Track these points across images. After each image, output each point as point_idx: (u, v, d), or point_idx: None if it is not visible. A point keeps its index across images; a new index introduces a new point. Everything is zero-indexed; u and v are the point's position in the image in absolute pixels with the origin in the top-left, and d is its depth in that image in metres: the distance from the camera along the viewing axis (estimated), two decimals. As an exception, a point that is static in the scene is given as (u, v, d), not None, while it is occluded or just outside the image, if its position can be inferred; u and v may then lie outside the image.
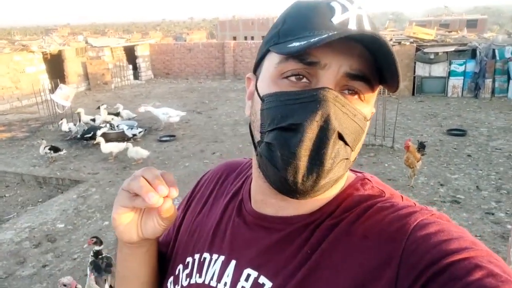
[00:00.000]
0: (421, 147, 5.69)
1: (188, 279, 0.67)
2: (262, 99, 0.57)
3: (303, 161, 0.51)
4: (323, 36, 0.50)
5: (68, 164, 7.03)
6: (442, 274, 0.46)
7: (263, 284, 0.58)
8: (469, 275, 0.44)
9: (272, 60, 0.57)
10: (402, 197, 0.61)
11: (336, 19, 0.53)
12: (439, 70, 11.41)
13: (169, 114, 8.87)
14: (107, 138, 7.41)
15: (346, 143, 0.53)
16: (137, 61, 17.12)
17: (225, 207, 0.72)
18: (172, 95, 13.43)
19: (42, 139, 7.61)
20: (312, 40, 0.50)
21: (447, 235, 0.50)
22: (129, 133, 7.70)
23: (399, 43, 11.67)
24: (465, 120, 8.87)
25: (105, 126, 8.09)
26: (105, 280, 3.08)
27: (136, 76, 17.06)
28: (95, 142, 7.23)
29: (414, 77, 11.65)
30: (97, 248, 3.36)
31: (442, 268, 0.46)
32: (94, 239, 3.40)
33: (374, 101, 0.61)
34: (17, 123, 10.08)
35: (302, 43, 0.51)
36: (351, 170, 0.67)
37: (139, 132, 8.14)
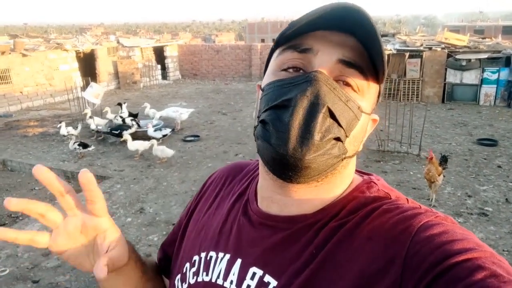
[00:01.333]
0: (443, 160, 5.30)
1: (195, 277, 0.69)
2: (262, 89, 0.61)
3: (293, 134, 0.53)
4: (312, 18, 0.55)
5: (96, 160, 7.23)
6: (445, 274, 0.46)
7: (268, 283, 0.59)
8: (472, 275, 0.44)
9: (273, 58, 0.63)
10: (407, 200, 0.61)
11: (322, 11, 0.55)
12: (471, 77, 11.06)
13: (180, 111, 8.99)
14: (134, 136, 7.58)
15: (339, 124, 0.55)
16: (165, 61, 17.45)
17: (231, 207, 0.73)
18: (198, 96, 13.60)
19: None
20: (300, 25, 0.56)
21: (451, 236, 0.50)
22: (158, 134, 7.78)
23: (430, 48, 11.41)
24: (496, 130, 8.57)
25: (133, 125, 8.25)
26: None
27: (164, 76, 17.38)
28: (122, 139, 7.41)
29: (445, 84, 11.35)
30: None
31: (445, 269, 0.46)
32: None
33: (374, 104, 0.62)
34: (49, 119, 10.45)
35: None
36: (359, 172, 0.68)
37: (169, 132, 8.25)
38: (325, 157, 0.55)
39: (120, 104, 9.38)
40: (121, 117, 8.88)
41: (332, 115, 0.54)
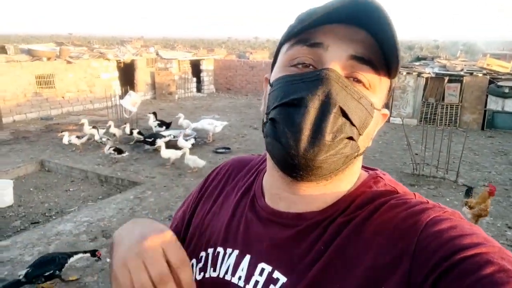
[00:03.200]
0: (468, 192, 4.91)
1: (202, 273, 0.68)
2: (271, 84, 0.60)
3: (304, 134, 0.52)
4: (322, 13, 0.53)
5: (129, 166, 7.38)
6: (453, 269, 0.46)
7: (277, 279, 0.59)
8: (480, 270, 0.44)
9: (282, 51, 0.62)
10: (415, 195, 0.60)
11: (337, 4, 0.54)
12: (513, 105, 10.65)
13: (214, 124, 9.08)
14: (167, 144, 7.70)
15: (352, 123, 0.54)
16: (201, 74, 17.79)
17: (237, 203, 0.72)
18: (231, 110, 13.74)
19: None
20: (312, 19, 0.54)
21: (460, 231, 0.50)
22: (188, 144, 7.86)
23: (471, 73, 11.09)
24: (540, 160, 8.15)
25: (169, 135, 8.41)
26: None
27: (199, 89, 17.70)
28: (156, 146, 7.55)
29: (485, 111, 10.96)
30: None
31: (453, 264, 0.46)
32: None
33: (385, 99, 0.61)
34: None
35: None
36: (364, 167, 0.68)
37: (194, 140, 8.37)
38: (337, 157, 0.54)
39: (155, 113, 9.68)
40: (162, 123, 9.26)
41: (344, 114, 0.53)
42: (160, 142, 7.38)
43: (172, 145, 7.83)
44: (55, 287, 3.68)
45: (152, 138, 8.10)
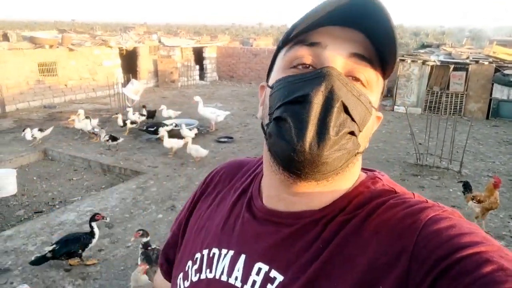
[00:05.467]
0: (467, 187, 4.86)
1: (197, 274, 0.68)
2: (271, 87, 0.60)
3: (310, 130, 0.52)
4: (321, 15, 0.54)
5: (132, 155, 7.39)
6: (452, 268, 0.46)
7: (275, 278, 0.58)
8: (479, 269, 0.44)
9: (280, 56, 0.62)
10: (414, 194, 0.60)
11: (335, 4, 0.54)
12: (519, 94, 10.53)
13: (217, 113, 9.07)
14: (169, 134, 7.68)
15: (352, 119, 0.55)
16: (204, 62, 17.68)
17: (233, 204, 0.72)
18: (234, 98, 13.68)
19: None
20: (311, 22, 0.55)
21: (459, 230, 0.50)
22: (192, 133, 7.81)
23: (477, 62, 10.94)
24: (546, 150, 8.09)
25: (172, 124, 8.39)
26: (155, 271, 3.18)
27: (201, 76, 17.62)
28: (159, 136, 7.55)
29: (490, 100, 10.84)
30: (144, 240, 3.48)
31: (452, 263, 0.46)
32: (141, 232, 3.57)
33: (380, 99, 0.62)
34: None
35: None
36: (363, 169, 0.68)
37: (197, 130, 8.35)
38: (340, 152, 0.54)
39: (144, 106, 9.64)
40: (142, 114, 9.24)
41: (346, 110, 0.54)
42: (163, 131, 7.37)
43: (174, 134, 7.82)
44: (60, 273, 3.71)
45: (155, 127, 8.09)
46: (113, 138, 7.57)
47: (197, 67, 17.28)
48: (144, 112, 9.32)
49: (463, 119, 10.23)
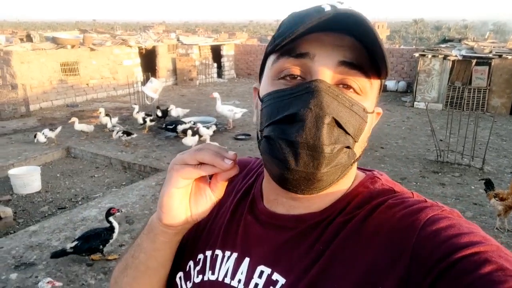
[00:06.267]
0: (489, 184, 4.76)
1: (200, 276, 0.68)
2: (261, 100, 0.59)
3: (302, 149, 0.51)
4: (305, 24, 0.51)
5: (151, 152, 7.51)
6: (452, 268, 0.46)
7: (277, 281, 0.59)
8: (478, 269, 0.44)
9: (268, 64, 0.61)
10: (413, 194, 0.60)
11: (324, 17, 0.52)
12: (545, 88, 10.20)
13: (234, 111, 9.09)
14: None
15: (346, 132, 0.54)
16: (222, 60, 17.76)
17: (235, 205, 0.72)
18: (251, 96, 13.52)
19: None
20: (295, 30, 0.52)
21: (458, 230, 0.50)
22: (210, 131, 7.88)
23: (500, 56, 10.65)
24: None
25: (190, 122, 8.49)
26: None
27: (219, 74, 17.71)
28: (180, 133, 7.66)
29: (515, 95, 10.55)
30: None
31: (452, 263, 0.46)
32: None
33: (376, 99, 0.60)
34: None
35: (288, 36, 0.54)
36: (361, 169, 0.68)
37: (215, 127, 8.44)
38: (337, 167, 0.54)
39: (158, 107, 9.71)
40: (157, 115, 9.38)
41: (338, 124, 0.53)
42: (182, 129, 7.46)
43: (192, 132, 7.90)
44: (83, 268, 3.82)
45: (174, 125, 8.19)
46: (127, 134, 7.75)
47: (215, 65, 17.38)
48: (159, 113, 9.46)
49: (485, 115, 10.00)
